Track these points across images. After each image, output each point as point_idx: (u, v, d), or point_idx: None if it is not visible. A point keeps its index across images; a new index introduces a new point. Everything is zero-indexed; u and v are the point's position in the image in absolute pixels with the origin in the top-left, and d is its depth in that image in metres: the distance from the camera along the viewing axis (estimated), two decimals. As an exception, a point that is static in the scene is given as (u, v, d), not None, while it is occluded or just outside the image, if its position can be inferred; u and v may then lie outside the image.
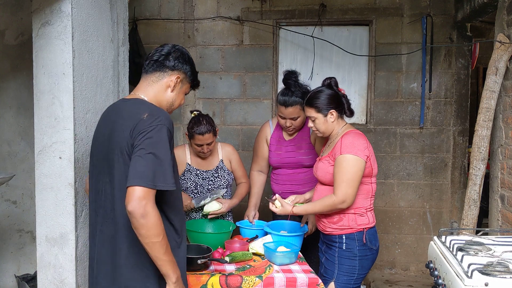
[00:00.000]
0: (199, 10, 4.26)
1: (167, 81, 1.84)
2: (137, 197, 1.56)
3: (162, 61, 1.83)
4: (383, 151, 4.21)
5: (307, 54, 4.26)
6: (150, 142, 1.64)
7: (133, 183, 1.57)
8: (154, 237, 1.58)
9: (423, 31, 4.07)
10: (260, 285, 2.26)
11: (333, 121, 2.47)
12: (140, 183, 1.57)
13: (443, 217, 4.22)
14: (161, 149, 1.64)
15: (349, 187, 2.33)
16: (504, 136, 3.02)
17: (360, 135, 2.43)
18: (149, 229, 1.57)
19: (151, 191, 1.59)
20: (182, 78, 1.87)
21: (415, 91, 4.17)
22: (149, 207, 1.57)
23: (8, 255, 3.34)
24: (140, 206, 1.55)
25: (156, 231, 1.58)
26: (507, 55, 2.99)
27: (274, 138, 3.04)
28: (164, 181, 1.62)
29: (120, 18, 2.56)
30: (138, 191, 1.56)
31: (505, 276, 1.74)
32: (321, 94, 2.46)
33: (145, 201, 1.56)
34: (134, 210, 1.55)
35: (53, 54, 2.05)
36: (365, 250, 2.43)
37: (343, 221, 2.43)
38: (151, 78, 1.84)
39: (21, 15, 3.20)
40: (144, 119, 1.67)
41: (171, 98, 1.87)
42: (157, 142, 1.64)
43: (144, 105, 1.76)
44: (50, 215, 2.10)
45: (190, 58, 1.90)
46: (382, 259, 4.25)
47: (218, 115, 4.26)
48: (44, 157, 2.09)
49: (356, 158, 2.34)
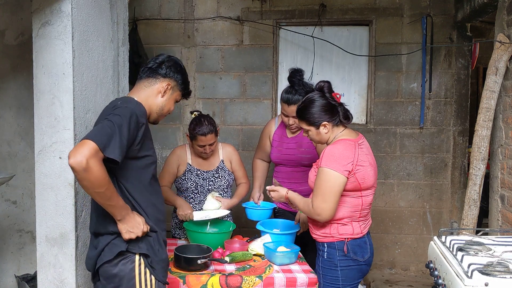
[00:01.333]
0: (199, 10, 4.26)
1: (158, 87, 2.01)
2: (83, 152, 1.66)
3: (155, 68, 2.01)
4: (383, 151, 4.21)
5: (307, 54, 4.26)
6: (113, 114, 1.81)
7: (87, 137, 1.72)
8: (96, 188, 1.72)
9: (423, 31, 4.07)
10: (260, 285, 2.26)
11: (327, 132, 2.31)
12: (92, 138, 1.70)
13: (443, 217, 4.22)
14: (119, 121, 1.78)
15: (323, 201, 2.19)
16: (504, 136, 3.02)
17: (348, 147, 2.23)
18: (91, 182, 1.69)
19: (99, 151, 1.70)
20: (173, 86, 2.04)
21: (415, 91, 4.18)
22: (92, 162, 1.67)
23: (8, 255, 3.34)
24: (82, 161, 1.65)
25: (98, 183, 1.70)
26: (507, 55, 2.99)
27: (277, 135, 3.08)
28: (113, 150, 1.73)
29: (120, 18, 2.56)
30: (87, 145, 1.68)
31: (505, 276, 1.74)
32: (312, 106, 2.28)
33: (89, 157, 1.66)
34: (75, 165, 1.65)
35: (53, 54, 2.05)
36: (347, 261, 2.28)
37: (325, 229, 2.31)
38: (144, 83, 2.02)
39: (21, 15, 3.20)
40: (118, 104, 1.89)
41: (161, 103, 2.03)
42: (119, 116, 1.80)
43: (126, 99, 1.95)
44: (50, 215, 2.10)
45: (182, 68, 2.09)
46: (382, 259, 4.26)
47: (218, 115, 4.26)
48: (44, 157, 2.09)
49: (333, 173, 2.18)
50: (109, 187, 1.76)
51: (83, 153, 1.65)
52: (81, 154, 1.65)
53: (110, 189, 1.77)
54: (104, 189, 1.73)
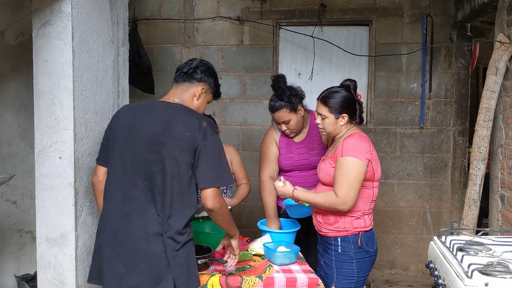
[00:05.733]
0: (199, 10, 4.26)
1: (194, 91, 2.13)
2: (221, 201, 2.02)
3: (191, 73, 2.13)
4: (383, 151, 4.21)
5: (307, 54, 4.26)
6: (215, 150, 2.01)
7: (210, 184, 2.00)
8: (227, 216, 2.10)
9: (423, 31, 4.07)
10: (260, 285, 2.26)
11: (343, 125, 2.40)
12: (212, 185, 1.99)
13: (443, 217, 4.22)
14: (222, 154, 2.05)
15: (350, 189, 2.28)
16: (504, 136, 3.02)
17: (364, 138, 2.37)
18: (225, 216, 2.07)
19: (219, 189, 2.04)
20: (207, 89, 2.17)
21: (415, 91, 4.18)
22: (222, 201, 2.04)
23: (8, 255, 3.34)
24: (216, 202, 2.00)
25: (228, 214, 2.11)
26: (507, 55, 2.99)
27: (283, 142, 2.92)
28: (229, 179, 2.09)
29: (120, 18, 2.56)
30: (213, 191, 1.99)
31: (505, 276, 1.74)
32: (337, 95, 2.38)
33: (219, 197, 2.01)
34: (214, 207, 1.99)
35: (53, 54, 2.05)
36: (362, 253, 2.38)
37: (339, 223, 2.39)
38: (181, 87, 2.13)
39: (21, 15, 3.20)
40: (205, 127, 2.00)
41: (196, 106, 2.15)
42: (219, 148, 2.03)
43: (193, 112, 2.10)
44: (50, 215, 2.10)
45: (215, 72, 2.22)
46: (382, 259, 4.26)
47: (218, 115, 4.26)
48: (44, 157, 2.09)
49: (357, 160, 2.28)
50: (228, 214, 2.12)
51: (221, 201, 2.01)
52: (219, 202, 2.01)
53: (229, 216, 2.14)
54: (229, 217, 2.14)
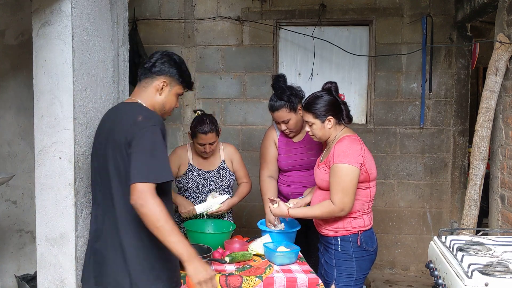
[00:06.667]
0: (199, 10, 4.26)
1: (155, 86, 2.02)
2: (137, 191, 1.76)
3: (150, 68, 2.02)
4: (383, 151, 4.21)
5: (307, 54, 4.26)
6: (146, 142, 1.82)
7: (133, 180, 1.77)
8: (155, 222, 1.74)
9: (423, 31, 4.07)
10: (260, 285, 2.26)
11: (330, 128, 2.44)
12: (134, 180, 1.77)
13: (443, 217, 4.22)
14: (158, 147, 1.83)
15: (345, 196, 2.32)
16: (504, 136, 3.02)
17: (354, 141, 2.39)
18: (148, 217, 1.74)
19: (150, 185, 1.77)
20: (170, 81, 2.03)
21: (415, 91, 4.18)
22: (144, 200, 1.75)
23: (8, 255, 3.33)
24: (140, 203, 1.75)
25: (155, 217, 1.74)
26: (507, 55, 2.99)
27: (282, 142, 2.97)
28: (161, 174, 1.82)
29: (120, 18, 2.56)
30: (135, 186, 1.76)
31: (505, 276, 1.74)
32: (319, 100, 2.43)
33: (140, 194, 1.75)
34: (134, 204, 1.75)
35: (53, 54, 2.05)
36: (361, 252, 2.43)
37: (338, 224, 2.43)
38: (142, 84, 2.04)
39: (21, 15, 3.20)
40: (139, 121, 1.86)
41: (161, 101, 2.04)
42: (154, 141, 1.83)
43: (140, 108, 1.98)
44: (50, 215, 2.10)
45: (177, 61, 2.05)
46: (382, 259, 4.25)
47: (218, 115, 4.26)
48: (44, 157, 2.09)
49: (349, 166, 2.31)
50: (168, 221, 1.75)
51: (142, 200, 1.74)
52: (140, 199, 1.75)
53: (170, 223, 1.75)
54: (161, 223, 1.74)
